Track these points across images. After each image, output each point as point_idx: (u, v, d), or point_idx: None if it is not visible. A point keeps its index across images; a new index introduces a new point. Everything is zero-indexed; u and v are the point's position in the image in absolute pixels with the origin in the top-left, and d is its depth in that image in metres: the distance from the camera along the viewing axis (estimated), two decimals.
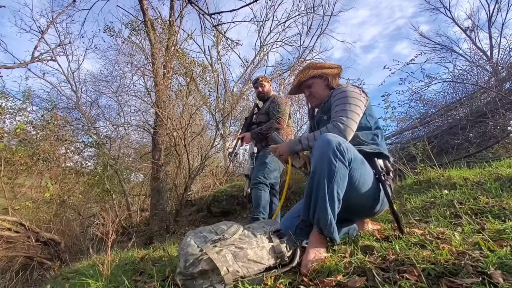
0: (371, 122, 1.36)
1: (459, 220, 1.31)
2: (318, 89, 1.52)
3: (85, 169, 5.98)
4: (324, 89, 1.51)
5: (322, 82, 1.52)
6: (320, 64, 1.54)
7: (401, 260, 0.93)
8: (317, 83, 1.53)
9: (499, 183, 1.83)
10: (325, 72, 1.51)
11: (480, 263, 0.81)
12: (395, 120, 4.49)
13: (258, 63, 10.96)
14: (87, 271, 1.57)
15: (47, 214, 5.19)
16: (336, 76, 1.55)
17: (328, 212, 1.08)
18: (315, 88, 1.53)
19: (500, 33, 8.72)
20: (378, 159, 1.28)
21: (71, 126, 6.45)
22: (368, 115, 1.36)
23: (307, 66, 1.57)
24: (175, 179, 4.93)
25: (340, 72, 1.56)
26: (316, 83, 1.53)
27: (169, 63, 5.58)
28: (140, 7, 5.93)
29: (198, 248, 1.07)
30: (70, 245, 4.62)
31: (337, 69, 1.54)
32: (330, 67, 1.53)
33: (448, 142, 4.01)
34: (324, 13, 10.50)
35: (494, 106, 3.74)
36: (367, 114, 1.36)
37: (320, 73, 1.51)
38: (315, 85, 1.53)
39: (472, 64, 5.97)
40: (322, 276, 0.98)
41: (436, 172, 2.51)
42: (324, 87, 1.52)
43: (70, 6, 6.97)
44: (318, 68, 1.52)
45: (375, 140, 1.33)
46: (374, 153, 1.28)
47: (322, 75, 1.51)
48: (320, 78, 1.52)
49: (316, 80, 1.53)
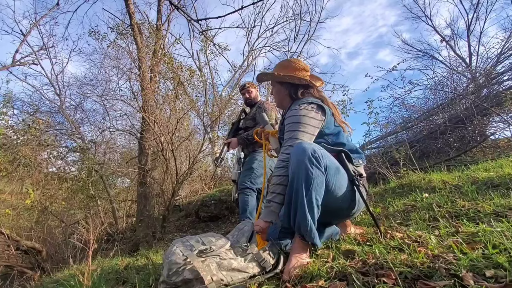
0: (329, 140, 1.35)
1: (437, 223, 1.36)
2: (277, 94, 1.50)
3: (69, 174, 5.80)
4: (284, 96, 1.47)
5: (284, 90, 1.46)
6: (292, 68, 1.44)
7: (380, 264, 0.96)
8: (277, 88, 1.49)
9: (476, 186, 1.92)
10: (289, 81, 1.42)
11: (453, 265, 0.85)
12: (379, 125, 4.60)
13: (246, 68, 11.04)
14: (67, 282, 1.53)
15: (28, 222, 5.02)
16: (306, 88, 1.42)
17: (308, 218, 1.10)
18: (274, 91, 1.51)
19: (479, 41, 9.13)
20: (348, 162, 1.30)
21: (54, 131, 6.27)
22: (326, 135, 1.34)
23: (281, 65, 1.49)
24: (162, 184, 4.86)
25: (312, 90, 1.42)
26: (277, 88, 1.49)
27: (156, 67, 5.53)
28: (127, 11, 5.86)
29: (183, 256, 1.07)
30: (52, 253, 4.48)
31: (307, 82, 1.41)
32: (300, 77, 1.40)
33: (430, 146, 4.14)
34: (311, 19, 10.72)
35: (471, 112, 3.90)
36: (325, 134, 1.34)
37: (281, 81, 1.45)
38: (275, 89, 1.50)
39: (452, 71, 6.21)
40: (305, 281, 1.00)
41: (417, 176, 2.59)
42: (284, 95, 1.46)
43: (54, 8, 6.82)
44: (288, 78, 1.41)
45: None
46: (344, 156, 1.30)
47: (286, 85, 1.44)
48: (281, 85, 1.46)
49: (278, 86, 1.48)
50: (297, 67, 1.45)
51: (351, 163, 1.32)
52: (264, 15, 12.18)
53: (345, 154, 1.31)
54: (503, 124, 4.05)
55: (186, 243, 1.17)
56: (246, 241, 1.22)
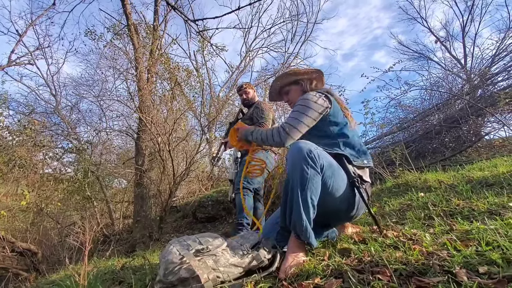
0: (334, 130, 1.35)
1: (432, 222, 1.37)
2: (294, 96, 1.55)
3: (65, 175, 5.75)
4: (300, 95, 1.52)
5: (299, 88, 1.54)
6: (296, 71, 1.56)
7: (375, 262, 0.97)
8: (293, 90, 1.56)
9: (470, 185, 1.94)
10: (301, 78, 1.53)
11: (447, 262, 0.86)
12: (375, 125, 4.63)
13: (243, 69, 11.01)
14: (63, 282, 1.52)
15: (23, 223, 4.97)
16: (313, 80, 1.55)
17: (303, 218, 1.10)
18: (291, 95, 1.56)
19: (473, 42, 9.23)
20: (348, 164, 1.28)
21: (50, 131, 6.22)
22: (331, 122, 1.35)
23: (284, 73, 1.58)
24: (159, 185, 4.84)
25: (318, 76, 1.55)
26: (293, 90, 1.56)
27: (153, 67, 5.52)
28: (124, 11, 5.84)
29: (179, 255, 1.07)
30: (47, 255, 4.44)
31: (313, 74, 1.54)
32: (305, 72, 1.54)
33: (425, 146, 4.18)
34: (308, 20, 10.73)
35: (466, 112, 3.94)
36: (330, 122, 1.35)
37: (296, 80, 1.54)
38: (291, 92, 1.56)
39: (447, 72, 6.27)
40: (301, 279, 1.00)
41: (413, 176, 2.61)
42: (300, 93, 1.53)
43: (50, 8, 6.79)
44: (294, 75, 1.54)
45: (337, 147, 1.32)
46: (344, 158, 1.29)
47: (298, 81, 1.54)
48: (296, 84, 1.55)
49: (292, 87, 1.56)
50: (303, 70, 1.55)
51: (351, 165, 1.30)
52: (261, 15, 12.22)
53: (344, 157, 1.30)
54: (498, 124, 4.10)
55: (183, 242, 1.17)
56: (249, 247, 1.21)
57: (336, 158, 1.26)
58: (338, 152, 1.29)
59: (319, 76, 1.55)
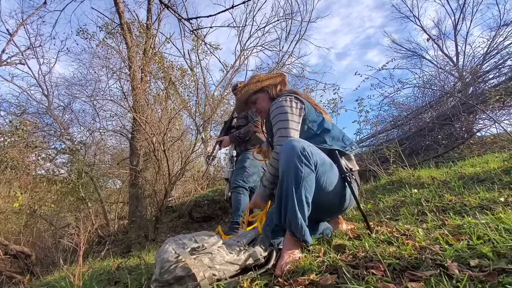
0: (314, 128, 1.37)
1: (425, 217, 1.40)
2: (262, 103, 1.54)
3: (58, 176, 5.69)
4: (268, 102, 1.52)
5: (265, 96, 1.54)
6: (259, 78, 1.55)
7: (369, 257, 0.98)
8: (260, 98, 1.55)
9: (462, 181, 1.97)
10: (265, 84, 1.53)
11: (439, 256, 0.87)
12: (369, 123, 4.67)
13: (238, 68, 11.00)
14: (58, 283, 1.51)
15: (16, 226, 4.91)
16: (278, 85, 1.54)
17: (298, 216, 1.11)
18: (260, 104, 1.55)
19: (465, 40, 9.33)
20: (341, 157, 1.32)
21: (42, 132, 6.14)
22: (310, 122, 1.37)
23: (248, 83, 1.58)
24: (154, 185, 4.81)
25: (281, 79, 1.55)
26: (260, 98, 1.55)
27: (147, 66, 5.48)
28: (116, 10, 5.79)
29: (175, 254, 1.07)
30: (41, 257, 4.39)
31: (276, 78, 1.54)
32: (269, 78, 1.54)
33: (419, 144, 4.23)
34: (302, 19, 10.76)
35: (458, 110, 3.99)
36: (309, 121, 1.37)
37: (261, 87, 1.53)
38: (259, 100, 1.55)
39: (440, 70, 6.35)
40: (296, 275, 1.01)
41: (407, 172, 2.64)
42: (267, 100, 1.53)
43: (41, 7, 6.69)
44: (258, 82, 1.53)
45: (325, 143, 1.34)
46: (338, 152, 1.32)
47: (264, 89, 1.54)
48: (262, 92, 1.55)
49: (259, 95, 1.55)
50: (265, 76, 1.56)
51: (343, 157, 1.33)
52: (256, 14, 12.17)
53: (338, 151, 1.32)
54: (489, 121, 4.17)
55: (178, 241, 1.17)
56: (246, 243, 1.22)
57: (328, 154, 1.28)
58: (329, 148, 1.31)
59: (282, 79, 1.56)
